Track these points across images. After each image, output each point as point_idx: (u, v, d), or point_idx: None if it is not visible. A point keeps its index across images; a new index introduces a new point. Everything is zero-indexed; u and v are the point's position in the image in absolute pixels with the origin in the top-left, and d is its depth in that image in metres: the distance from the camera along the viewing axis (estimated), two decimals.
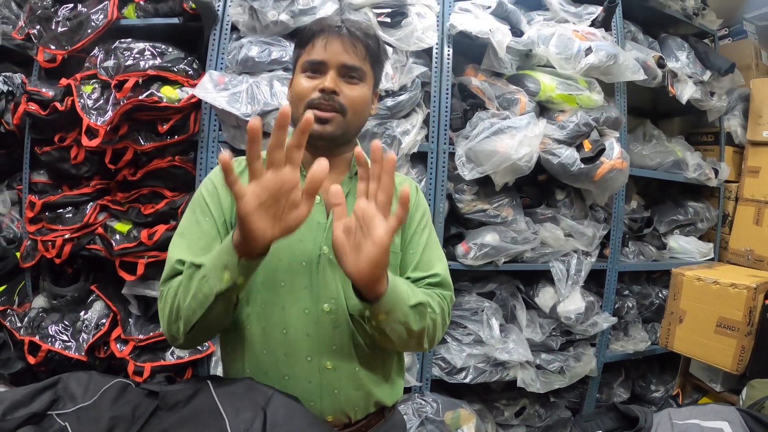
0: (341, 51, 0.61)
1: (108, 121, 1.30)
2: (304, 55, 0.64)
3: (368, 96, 0.65)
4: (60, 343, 1.40)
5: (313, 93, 0.61)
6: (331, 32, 0.62)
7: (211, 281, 0.51)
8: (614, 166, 1.44)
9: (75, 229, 1.41)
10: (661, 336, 1.62)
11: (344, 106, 0.62)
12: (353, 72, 0.63)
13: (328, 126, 0.61)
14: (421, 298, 0.58)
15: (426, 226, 0.70)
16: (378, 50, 0.65)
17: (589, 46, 1.47)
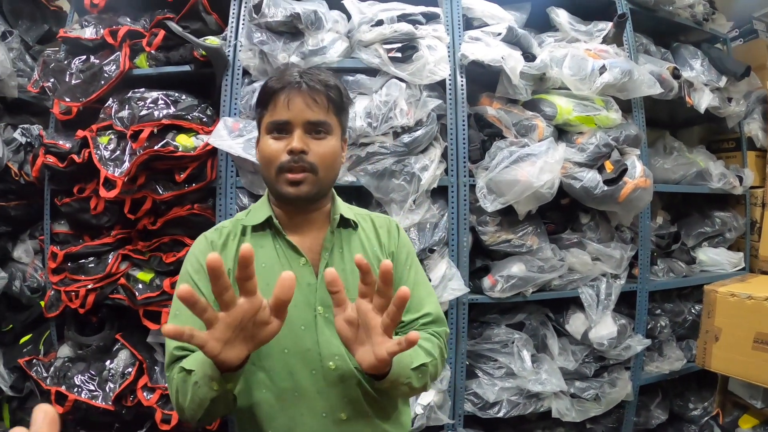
0: (304, 108, 0.61)
1: (125, 172, 1.29)
2: (267, 116, 0.64)
3: (337, 147, 0.65)
4: (87, 392, 1.38)
5: (282, 156, 0.61)
6: (292, 89, 0.61)
7: (202, 389, 0.52)
8: (638, 185, 1.39)
9: (98, 279, 1.40)
10: (698, 356, 1.54)
11: (314, 165, 0.62)
12: (319, 127, 0.62)
13: (303, 187, 0.62)
14: (422, 358, 0.60)
15: (411, 265, 0.70)
16: (341, 99, 0.65)
17: (602, 64, 1.42)
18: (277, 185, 0.62)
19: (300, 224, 0.66)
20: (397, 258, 0.69)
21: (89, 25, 1.55)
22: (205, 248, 0.66)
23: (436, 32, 1.32)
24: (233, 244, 0.66)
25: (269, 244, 0.65)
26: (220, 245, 0.66)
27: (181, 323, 0.56)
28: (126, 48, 1.44)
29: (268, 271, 0.63)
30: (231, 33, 1.39)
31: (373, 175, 1.21)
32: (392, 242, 0.70)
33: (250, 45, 1.31)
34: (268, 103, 0.63)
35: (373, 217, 0.73)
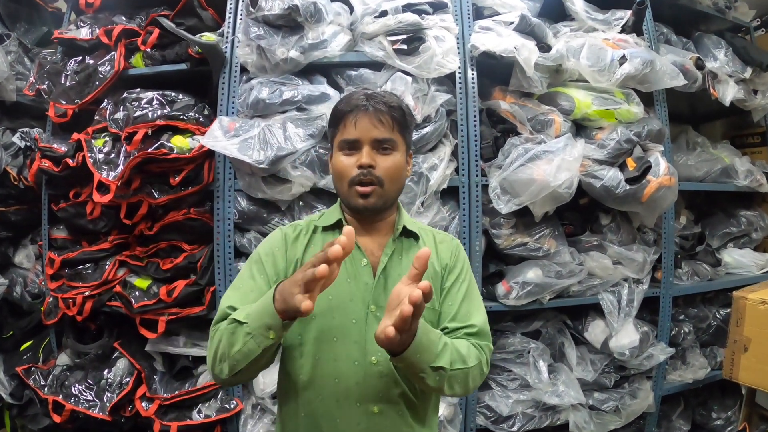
0: (371, 127, 0.66)
1: (119, 176, 1.20)
2: (338, 135, 0.68)
3: (401, 162, 0.69)
4: (84, 402, 1.31)
5: (353, 170, 0.66)
6: (359, 111, 0.66)
7: (257, 338, 0.56)
8: (662, 183, 1.25)
9: (95, 286, 1.31)
10: (725, 366, 1.40)
11: (381, 178, 0.66)
12: (385, 144, 0.67)
13: (371, 199, 0.66)
14: (446, 360, 0.60)
15: (465, 279, 0.72)
16: (404, 117, 0.69)
17: (622, 54, 1.29)
18: (349, 197, 0.67)
19: (367, 230, 0.71)
20: (452, 270, 0.72)
21: (85, 25, 1.46)
22: (279, 239, 0.71)
23: (444, 22, 1.20)
24: (304, 239, 0.71)
25: None
26: (292, 238, 0.71)
27: (241, 295, 0.66)
28: (121, 47, 1.35)
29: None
30: (228, 29, 1.28)
31: None
32: (450, 257, 0.73)
33: (248, 40, 1.21)
34: (338, 123, 0.68)
35: (435, 232, 0.76)
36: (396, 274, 0.68)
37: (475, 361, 0.64)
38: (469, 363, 0.63)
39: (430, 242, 0.73)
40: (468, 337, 0.67)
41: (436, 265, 0.70)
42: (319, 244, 0.70)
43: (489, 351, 0.69)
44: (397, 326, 0.49)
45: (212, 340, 0.62)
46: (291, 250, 0.69)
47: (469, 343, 0.66)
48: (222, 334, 0.60)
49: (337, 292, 0.65)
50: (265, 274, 0.67)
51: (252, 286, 0.66)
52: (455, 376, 0.61)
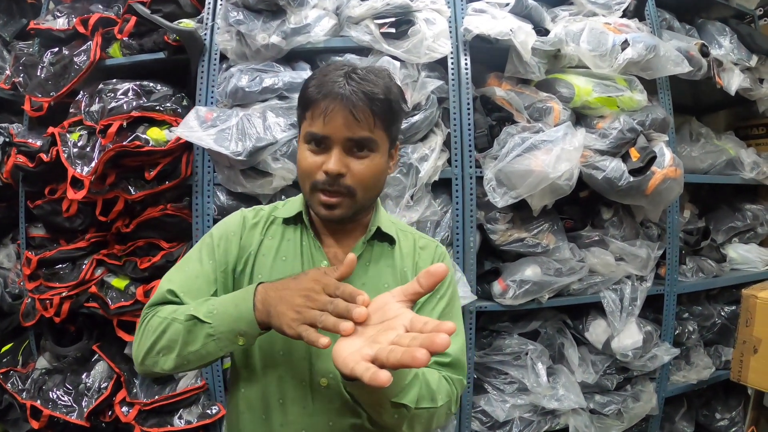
0: (345, 124, 0.52)
1: (92, 171, 1.10)
2: (305, 123, 0.55)
3: (381, 165, 0.56)
4: (62, 407, 1.22)
5: (318, 173, 0.53)
6: (333, 100, 0.52)
7: (221, 342, 0.49)
8: (667, 175, 1.15)
9: (72, 287, 1.22)
10: (733, 368, 1.30)
11: (352, 189, 0.54)
12: (362, 144, 0.53)
13: (336, 211, 0.55)
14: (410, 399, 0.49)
15: (444, 295, 0.60)
16: (389, 109, 0.54)
17: (624, 39, 1.18)
18: (311, 202, 0.56)
19: (335, 230, 0.60)
20: (437, 293, 0.60)
21: (62, 15, 1.36)
22: (237, 223, 0.62)
23: (435, 4, 1.09)
24: (262, 228, 0.61)
25: (296, 239, 0.60)
26: (251, 224, 0.62)
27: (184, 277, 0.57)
28: (98, 37, 1.25)
29: (287, 265, 0.58)
30: (207, 15, 1.18)
31: None
32: (428, 264, 0.61)
33: (227, 26, 1.11)
34: (308, 106, 0.54)
35: (417, 236, 0.65)
36: (360, 283, 0.57)
37: (444, 399, 0.53)
38: (437, 402, 0.52)
39: (408, 247, 0.62)
40: (439, 368, 0.56)
41: (410, 277, 0.60)
42: (277, 237, 0.60)
43: (461, 387, 0.57)
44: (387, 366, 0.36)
45: (147, 325, 0.53)
46: (247, 237, 0.60)
47: (441, 375, 0.55)
48: (168, 326, 0.51)
49: None
50: (214, 260, 0.58)
51: (198, 270, 0.58)
52: (419, 416, 0.50)
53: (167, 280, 0.58)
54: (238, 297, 0.50)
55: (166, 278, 0.58)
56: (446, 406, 0.53)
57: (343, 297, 0.42)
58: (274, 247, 0.59)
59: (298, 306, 0.44)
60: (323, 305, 0.43)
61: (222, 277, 0.58)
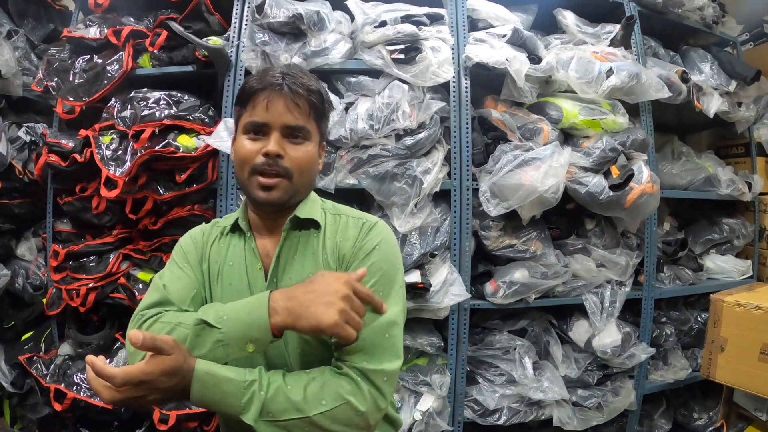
0: (284, 111, 0.59)
1: (126, 172, 1.28)
2: (245, 115, 0.61)
3: (314, 154, 0.63)
4: (85, 391, 1.38)
5: (257, 157, 0.59)
6: (273, 90, 0.59)
7: (229, 348, 0.52)
8: (644, 190, 1.35)
9: (98, 278, 1.39)
10: (703, 366, 1.50)
11: (289, 170, 0.60)
12: (298, 132, 0.60)
13: (275, 192, 0.60)
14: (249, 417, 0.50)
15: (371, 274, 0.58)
16: (322, 105, 0.63)
17: (609, 67, 1.39)
18: (249, 187, 0.61)
19: (269, 227, 0.65)
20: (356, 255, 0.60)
21: (93, 24, 1.54)
22: (190, 243, 0.68)
23: (440, 33, 1.29)
24: (212, 242, 0.67)
25: (240, 246, 0.66)
26: (201, 243, 0.67)
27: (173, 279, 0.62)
28: (129, 48, 1.43)
29: (233, 270, 0.64)
30: (234, 33, 1.37)
31: (374, 178, 1.19)
32: (357, 238, 0.61)
33: (253, 45, 1.29)
34: (247, 102, 0.61)
35: (351, 216, 0.65)
36: (287, 277, 0.61)
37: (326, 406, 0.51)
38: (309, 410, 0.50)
39: (334, 227, 0.63)
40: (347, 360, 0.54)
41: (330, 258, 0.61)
42: (225, 245, 0.65)
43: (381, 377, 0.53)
44: None
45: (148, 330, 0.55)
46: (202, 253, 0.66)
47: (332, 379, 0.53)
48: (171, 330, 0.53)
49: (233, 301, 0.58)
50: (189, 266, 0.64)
51: (179, 275, 0.62)
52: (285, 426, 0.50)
53: (159, 279, 0.63)
54: (250, 304, 0.53)
55: (157, 278, 0.63)
56: (343, 410, 0.51)
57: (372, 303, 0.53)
58: (222, 255, 0.65)
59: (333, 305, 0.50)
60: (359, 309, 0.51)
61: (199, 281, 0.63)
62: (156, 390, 0.48)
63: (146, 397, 0.48)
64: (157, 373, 0.47)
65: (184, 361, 0.49)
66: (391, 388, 0.56)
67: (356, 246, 0.61)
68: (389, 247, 0.62)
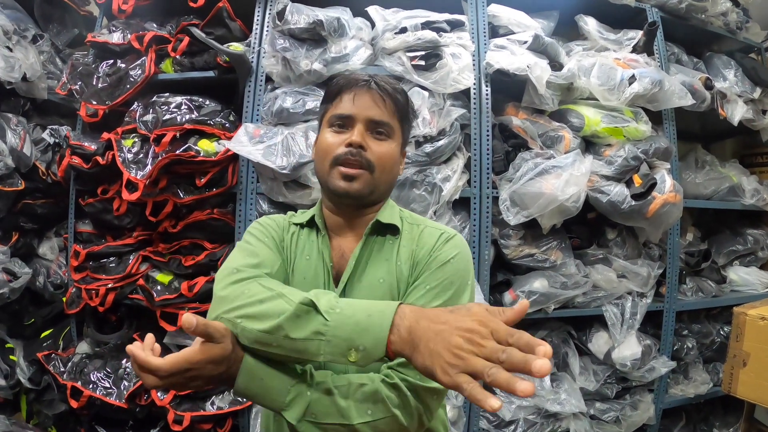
0: (370, 105, 0.59)
1: (147, 175, 1.30)
2: (331, 110, 0.62)
3: (396, 153, 0.62)
4: (102, 389, 1.40)
5: (339, 148, 0.59)
6: (360, 86, 0.60)
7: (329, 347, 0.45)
8: (667, 200, 1.33)
9: (118, 279, 1.41)
10: (724, 381, 1.46)
11: (372, 163, 0.59)
12: (381, 127, 0.60)
13: (355, 183, 0.58)
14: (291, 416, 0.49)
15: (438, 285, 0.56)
16: (406, 107, 0.63)
17: (632, 74, 1.37)
18: (330, 178, 0.59)
19: (344, 228, 0.63)
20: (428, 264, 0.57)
21: (117, 30, 1.58)
22: (272, 224, 0.64)
23: (461, 40, 1.29)
24: (292, 234, 0.65)
25: (314, 240, 0.64)
26: (283, 227, 0.65)
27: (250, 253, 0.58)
28: (152, 53, 1.46)
29: (310, 264, 0.62)
30: (255, 39, 1.39)
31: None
32: (432, 247, 0.58)
33: (273, 51, 1.31)
34: (333, 98, 0.62)
35: (429, 226, 0.63)
36: (359, 280, 0.59)
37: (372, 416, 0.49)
38: (353, 418, 0.49)
39: (411, 235, 0.61)
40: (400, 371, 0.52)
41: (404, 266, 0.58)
42: (303, 238, 0.63)
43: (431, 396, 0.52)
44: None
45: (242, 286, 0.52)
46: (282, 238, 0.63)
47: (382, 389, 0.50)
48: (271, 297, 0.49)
49: None
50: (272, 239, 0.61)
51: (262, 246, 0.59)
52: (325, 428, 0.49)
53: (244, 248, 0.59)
54: (373, 307, 0.46)
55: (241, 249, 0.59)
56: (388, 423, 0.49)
57: (518, 346, 0.35)
58: (300, 247, 0.63)
59: (459, 349, 0.38)
60: (492, 354, 0.36)
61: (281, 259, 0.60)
62: (201, 377, 0.48)
63: (189, 384, 0.48)
64: (204, 362, 0.47)
65: (233, 351, 0.48)
66: (438, 406, 0.54)
67: (431, 255, 0.58)
68: (464, 262, 0.59)
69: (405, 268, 0.59)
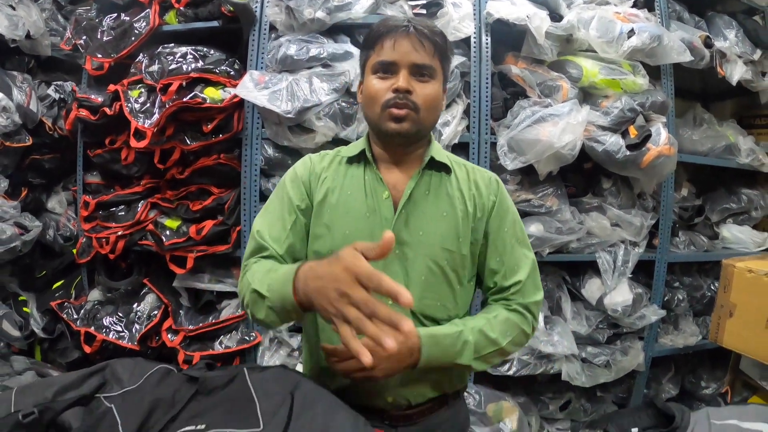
0: (411, 50, 0.64)
1: (155, 123, 1.37)
2: (373, 56, 0.67)
3: (439, 92, 0.68)
4: (114, 333, 1.49)
5: (387, 94, 0.64)
6: (399, 32, 0.64)
7: (279, 315, 0.58)
8: (661, 152, 1.40)
9: (127, 226, 1.50)
10: (711, 330, 1.56)
11: (417, 104, 0.65)
12: (424, 70, 0.65)
13: (405, 123, 0.65)
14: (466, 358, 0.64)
15: (513, 223, 0.72)
16: (445, 46, 0.68)
17: (631, 28, 1.42)
18: (380, 122, 0.66)
19: (395, 162, 0.70)
20: (496, 212, 0.70)
21: None
22: (305, 166, 0.73)
23: None
24: (327, 167, 0.72)
25: (359, 175, 0.70)
26: (317, 166, 0.72)
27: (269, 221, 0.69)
28: (156, 5, 1.51)
29: (351, 199, 0.69)
30: None
31: None
32: (490, 195, 0.71)
33: (277, 1, 1.36)
34: (374, 44, 0.66)
35: (471, 167, 0.74)
36: (420, 210, 0.67)
37: (510, 335, 0.66)
38: (502, 342, 0.65)
39: (463, 175, 0.71)
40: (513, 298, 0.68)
41: (468, 204, 0.69)
42: (341, 174, 0.70)
43: (536, 307, 0.70)
44: None
45: (244, 280, 0.64)
46: (314, 177, 0.71)
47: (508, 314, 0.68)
48: (247, 289, 0.62)
49: (355, 227, 0.66)
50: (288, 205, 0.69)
51: (276, 216, 0.69)
52: (486, 357, 0.66)
53: (257, 221, 0.70)
54: (285, 276, 0.55)
55: (256, 221, 0.70)
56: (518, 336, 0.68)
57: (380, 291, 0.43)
58: (338, 184, 0.69)
59: (334, 301, 0.45)
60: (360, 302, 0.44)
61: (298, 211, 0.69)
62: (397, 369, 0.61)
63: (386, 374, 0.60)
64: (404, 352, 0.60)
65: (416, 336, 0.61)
66: (539, 312, 0.73)
67: (497, 202, 0.71)
68: (512, 200, 0.75)
69: (469, 204, 0.70)
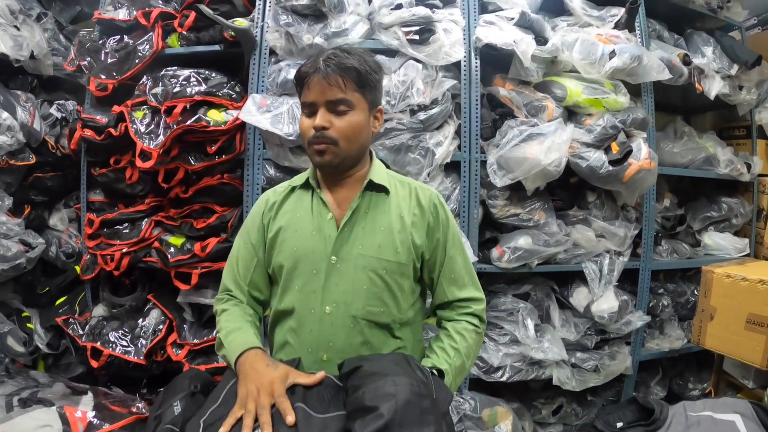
0: (326, 88, 0.73)
1: (160, 145, 1.44)
2: (301, 97, 0.77)
3: (360, 120, 0.76)
4: (120, 348, 1.54)
5: (310, 131, 0.75)
6: (313, 74, 0.73)
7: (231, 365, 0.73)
8: (642, 166, 1.50)
9: (132, 243, 1.56)
10: (693, 333, 1.66)
11: (334, 138, 0.74)
12: (339, 105, 0.74)
13: (326, 156, 0.75)
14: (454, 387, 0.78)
15: (456, 238, 0.83)
16: (363, 74, 0.74)
17: (612, 50, 1.53)
18: (310, 156, 0.78)
19: (335, 185, 0.81)
20: (441, 225, 0.80)
21: (122, 6, 1.70)
22: (261, 203, 0.85)
23: (453, 16, 1.44)
24: (282, 198, 0.84)
25: (308, 199, 0.82)
26: (272, 201, 0.84)
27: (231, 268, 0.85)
28: (159, 28, 1.58)
29: (299, 220, 0.81)
30: (258, 15, 1.52)
31: (390, 150, 1.35)
32: (431, 208, 0.80)
33: (277, 26, 1.45)
34: (300, 86, 0.76)
35: (414, 185, 0.83)
36: (360, 227, 0.77)
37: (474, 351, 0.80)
38: (470, 364, 0.80)
39: (405, 193, 0.80)
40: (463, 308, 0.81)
41: (406, 220, 0.78)
42: (293, 201, 0.82)
43: (483, 311, 0.83)
44: None
45: (218, 317, 0.80)
46: (269, 210, 0.83)
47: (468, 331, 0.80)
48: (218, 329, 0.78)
49: (301, 244, 0.77)
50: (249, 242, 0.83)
51: (237, 257, 0.84)
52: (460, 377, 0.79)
53: (224, 276, 0.85)
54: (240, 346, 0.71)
55: (224, 274, 0.85)
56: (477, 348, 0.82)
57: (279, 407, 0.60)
58: (290, 208, 0.82)
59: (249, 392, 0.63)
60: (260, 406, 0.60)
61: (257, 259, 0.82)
62: None
63: None
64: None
65: None
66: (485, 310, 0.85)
67: (439, 219, 0.81)
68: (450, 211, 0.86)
69: (407, 218, 0.79)
